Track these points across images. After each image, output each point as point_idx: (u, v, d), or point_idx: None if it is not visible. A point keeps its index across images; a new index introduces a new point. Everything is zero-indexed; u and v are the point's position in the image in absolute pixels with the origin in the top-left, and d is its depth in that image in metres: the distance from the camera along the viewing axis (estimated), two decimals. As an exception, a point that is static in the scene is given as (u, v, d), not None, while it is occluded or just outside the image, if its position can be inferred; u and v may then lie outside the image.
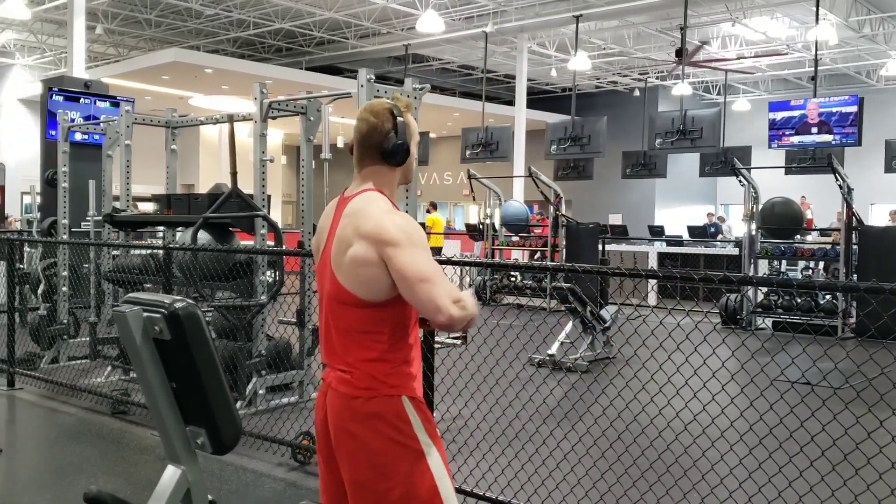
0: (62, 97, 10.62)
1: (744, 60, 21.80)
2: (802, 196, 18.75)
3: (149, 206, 9.11)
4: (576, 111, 17.31)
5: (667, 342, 3.71)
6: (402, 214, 2.31)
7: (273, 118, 6.72)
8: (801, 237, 12.68)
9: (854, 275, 10.96)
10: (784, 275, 12.47)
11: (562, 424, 4.86)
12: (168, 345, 2.07)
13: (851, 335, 10.42)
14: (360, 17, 19.24)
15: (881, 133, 17.76)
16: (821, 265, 12.12)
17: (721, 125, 15.85)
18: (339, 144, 24.61)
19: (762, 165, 15.55)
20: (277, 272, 6.45)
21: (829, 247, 11.83)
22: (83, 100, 10.76)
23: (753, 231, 11.83)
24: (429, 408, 2.42)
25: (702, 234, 17.78)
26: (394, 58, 22.53)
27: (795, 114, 13.59)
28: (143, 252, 7.41)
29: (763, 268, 12.19)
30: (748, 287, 11.29)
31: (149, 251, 7.35)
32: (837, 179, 10.79)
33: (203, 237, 6.34)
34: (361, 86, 5.53)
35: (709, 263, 15.70)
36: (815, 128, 13.33)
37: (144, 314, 2.07)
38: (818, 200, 19.75)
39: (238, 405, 5.98)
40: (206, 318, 6.01)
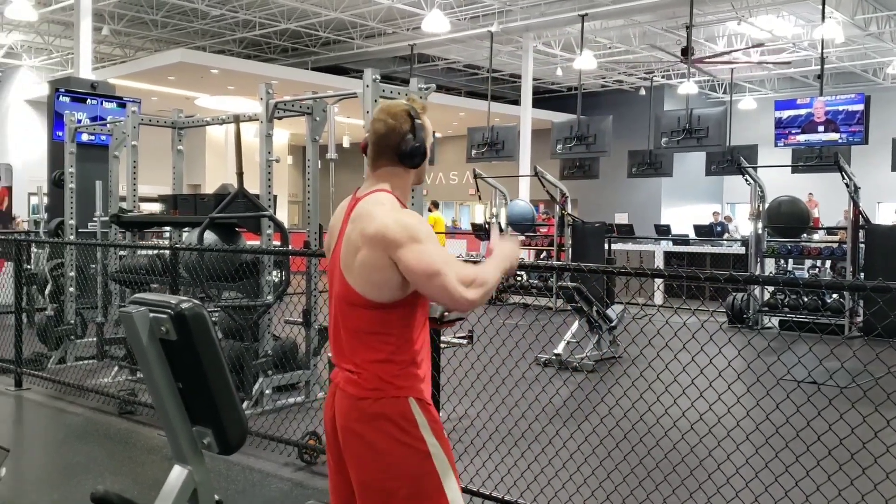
0: (69, 98, 10.66)
1: (750, 58, 21.72)
2: (810, 193, 18.71)
3: (155, 207, 9.13)
4: (581, 110, 17.30)
5: (673, 341, 3.71)
6: (405, 211, 2.30)
7: (279, 118, 6.72)
8: (808, 236, 12.64)
9: (861, 273, 10.94)
10: (791, 274, 12.44)
11: (568, 424, 4.85)
12: (174, 345, 2.07)
13: (858, 334, 10.39)
14: (366, 18, 19.26)
15: (888, 131, 17.69)
16: (827, 264, 12.09)
17: (727, 124, 15.82)
18: (345, 144, 24.62)
19: (768, 164, 15.53)
20: (283, 272, 6.45)
21: (836, 245, 11.80)
22: (90, 101, 10.79)
23: (760, 230, 11.81)
24: (435, 407, 2.41)
25: (708, 233, 17.75)
26: (399, 58, 22.55)
27: (802, 112, 13.55)
28: (150, 252, 7.43)
29: (770, 267, 12.16)
30: (754, 286, 11.26)
31: (155, 252, 7.36)
32: (844, 178, 10.76)
33: (209, 237, 6.35)
34: (367, 86, 5.54)
35: (715, 262, 15.68)
36: (822, 126, 13.29)
37: (151, 315, 2.08)
38: (825, 199, 19.70)
39: (244, 405, 6.00)
40: (213, 319, 6.03)
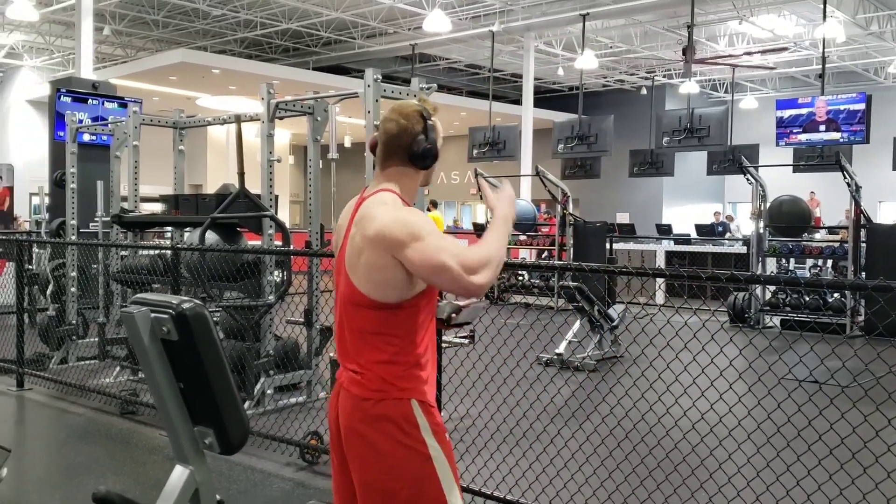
0: (70, 98, 10.66)
1: (751, 58, 21.72)
2: (812, 192, 18.70)
3: (156, 207, 9.14)
4: (583, 110, 17.29)
5: (674, 341, 3.71)
6: (405, 209, 2.28)
7: (280, 118, 6.72)
8: (809, 235, 12.64)
9: (862, 273, 10.94)
10: (792, 273, 12.44)
11: (569, 423, 4.85)
12: (176, 345, 2.07)
13: (860, 333, 10.39)
14: (367, 17, 19.27)
15: (889, 130, 17.66)
16: (829, 263, 12.09)
17: (728, 123, 15.81)
18: (347, 144, 24.66)
19: (770, 163, 15.51)
20: (285, 272, 6.45)
21: (838, 245, 11.80)
22: (91, 101, 10.79)
23: (761, 229, 11.81)
24: (437, 408, 2.41)
25: (709, 233, 17.74)
26: (401, 57, 22.55)
27: (803, 111, 13.54)
28: (152, 252, 7.43)
29: (771, 266, 12.16)
30: (756, 285, 11.26)
31: (157, 252, 7.37)
32: (845, 177, 10.75)
33: (211, 237, 6.35)
34: (368, 86, 5.54)
35: (717, 262, 15.67)
36: (823, 125, 13.28)
37: (152, 315, 2.08)
38: (826, 198, 19.69)
39: (246, 405, 6.00)
40: (215, 319, 6.03)
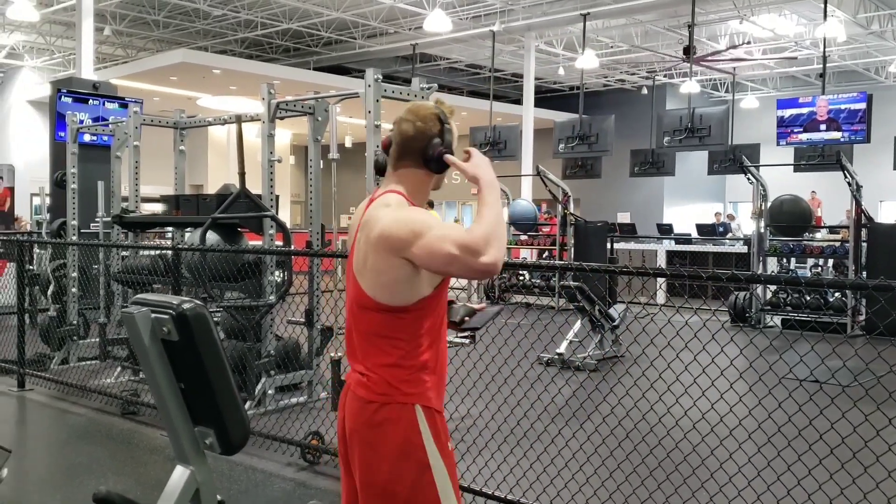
0: (71, 99, 10.66)
1: (752, 57, 21.71)
2: (812, 192, 18.69)
3: (157, 207, 9.14)
4: (584, 109, 17.29)
5: (675, 340, 3.70)
6: (407, 209, 2.26)
7: (281, 118, 6.73)
8: (810, 235, 12.64)
9: (863, 272, 10.94)
10: (793, 272, 12.44)
11: (570, 423, 4.85)
12: (176, 345, 2.07)
13: (860, 333, 10.39)
14: (368, 17, 19.26)
15: (890, 130, 17.65)
16: (830, 263, 12.09)
17: (729, 123, 15.81)
18: (347, 144, 24.64)
19: (771, 163, 15.51)
20: (286, 272, 6.45)
21: (838, 244, 11.80)
22: (92, 101, 10.80)
23: (762, 229, 11.81)
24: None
25: (710, 232, 17.74)
26: (401, 57, 22.55)
27: (804, 111, 13.54)
28: (152, 253, 7.43)
29: (772, 266, 12.16)
30: (757, 285, 11.26)
31: (158, 252, 7.37)
32: (846, 177, 10.75)
33: (212, 238, 6.36)
34: (369, 86, 5.54)
35: (717, 261, 15.67)
36: (824, 125, 13.27)
37: (153, 315, 2.08)
38: (827, 198, 19.68)
39: (247, 405, 6.00)
40: (216, 319, 6.03)
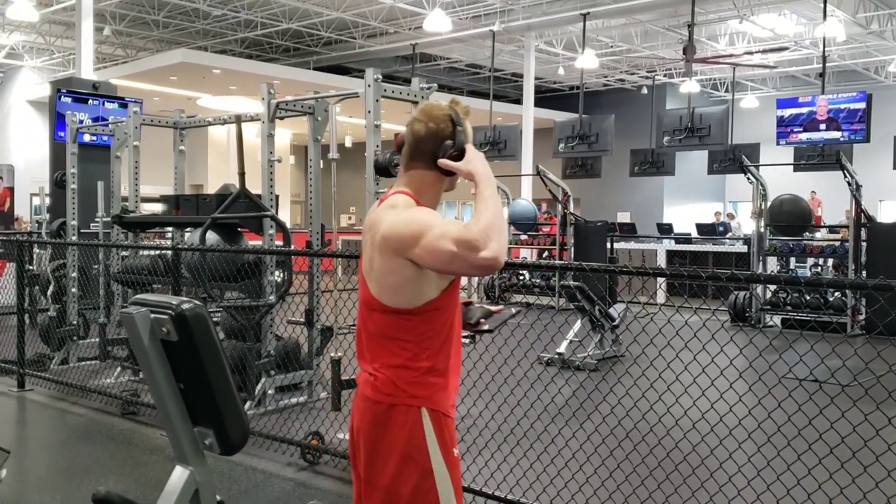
0: (71, 99, 10.66)
1: (752, 57, 21.70)
2: (812, 191, 18.69)
3: (157, 207, 9.14)
4: (583, 109, 17.29)
5: (675, 340, 3.70)
6: (411, 209, 2.24)
7: (281, 118, 6.73)
8: (810, 234, 12.64)
9: (863, 272, 10.93)
10: (793, 272, 12.44)
11: (570, 423, 4.85)
12: (176, 346, 2.08)
13: (860, 332, 10.39)
14: (368, 17, 19.26)
15: (890, 129, 17.65)
16: (829, 262, 12.09)
17: (729, 122, 15.81)
18: (347, 144, 24.63)
19: (770, 163, 15.50)
20: (286, 272, 6.45)
21: (838, 244, 11.80)
22: (91, 101, 10.79)
23: (762, 228, 11.81)
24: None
25: (710, 232, 17.73)
26: (401, 57, 22.54)
27: (804, 111, 13.54)
28: (152, 253, 7.43)
29: (772, 265, 12.15)
30: (756, 284, 11.26)
31: (157, 252, 7.37)
32: (846, 176, 10.75)
33: (212, 238, 6.35)
34: (369, 85, 5.54)
35: (717, 261, 15.67)
36: (824, 124, 13.28)
37: (152, 315, 2.08)
38: (827, 197, 19.67)
39: (247, 405, 6.00)
40: (215, 319, 6.03)
